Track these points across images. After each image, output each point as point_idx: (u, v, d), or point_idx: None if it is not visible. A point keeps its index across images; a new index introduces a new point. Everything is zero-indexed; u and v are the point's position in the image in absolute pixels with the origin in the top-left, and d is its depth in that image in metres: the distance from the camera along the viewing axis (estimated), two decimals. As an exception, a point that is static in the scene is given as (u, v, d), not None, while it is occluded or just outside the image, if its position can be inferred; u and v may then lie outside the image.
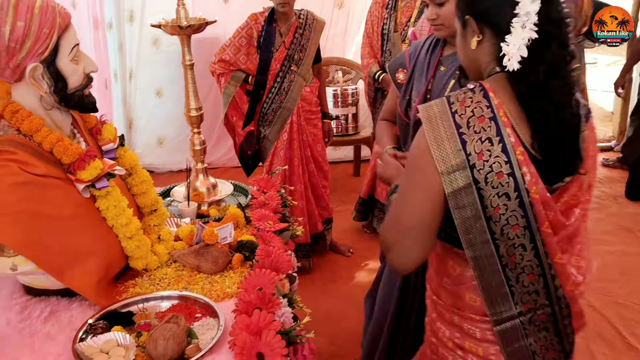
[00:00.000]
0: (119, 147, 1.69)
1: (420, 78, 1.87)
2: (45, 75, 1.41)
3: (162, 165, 5.09)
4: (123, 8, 4.63)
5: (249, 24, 3.15)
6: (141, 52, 4.76)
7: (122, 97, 4.87)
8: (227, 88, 3.18)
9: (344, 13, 4.85)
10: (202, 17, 1.98)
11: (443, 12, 1.66)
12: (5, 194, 1.32)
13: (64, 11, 1.42)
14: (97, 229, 1.50)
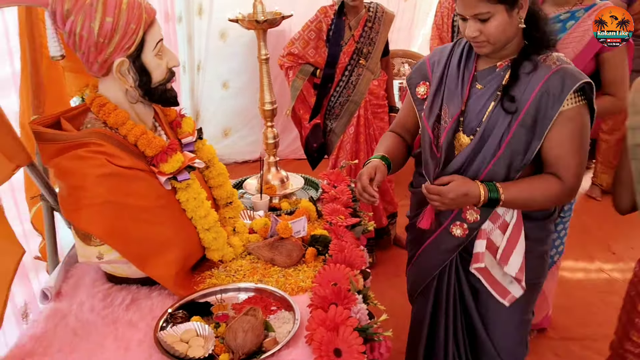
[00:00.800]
0: (197, 140, 1.72)
1: (452, 96, 1.68)
2: (131, 70, 1.45)
3: (227, 156, 5.17)
4: (193, 2, 4.71)
5: (318, 18, 3.15)
6: (209, 45, 4.84)
7: (189, 89, 4.97)
8: (295, 81, 3.19)
9: (410, 5, 4.79)
10: (278, 12, 1.99)
11: (487, 29, 1.51)
12: (93, 185, 1.37)
13: (149, 7, 1.46)
14: (177, 220, 1.54)
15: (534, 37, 1.58)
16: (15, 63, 2.16)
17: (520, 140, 1.55)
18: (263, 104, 2.11)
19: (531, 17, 1.56)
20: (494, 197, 1.56)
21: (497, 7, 1.48)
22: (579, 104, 1.53)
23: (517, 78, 1.56)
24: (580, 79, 1.50)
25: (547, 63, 1.55)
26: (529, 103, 1.53)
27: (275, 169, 2.18)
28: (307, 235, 1.73)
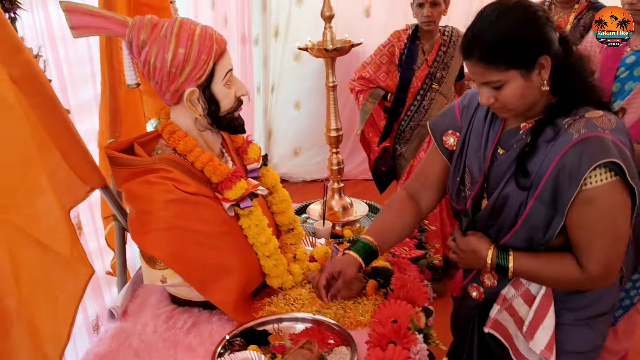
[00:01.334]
0: (262, 166, 1.74)
1: (474, 159, 1.50)
2: (201, 99, 1.49)
3: (296, 174, 5.23)
4: (270, 24, 4.84)
5: (391, 42, 3.14)
6: (283, 66, 4.93)
7: (263, 109, 5.08)
8: (365, 105, 3.19)
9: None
10: (347, 40, 2.00)
11: (502, 96, 1.34)
12: (160, 211, 1.41)
13: (220, 38, 1.49)
14: (239, 246, 1.56)
15: (564, 94, 1.37)
16: (97, 86, 2.28)
17: (539, 216, 1.35)
18: (329, 130, 2.11)
19: (561, 71, 1.35)
20: (502, 264, 1.41)
21: (509, 73, 1.31)
22: (608, 181, 1.27)
23: (535, 147, 1.36)
24: (600, 158, 1.26)
25: (571, 130, 1.31)
26: (545, 179, 1.32)
27: (339, 195, 2.18)
28: (368, 267, 1.70)
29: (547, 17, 1.33)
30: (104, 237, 2.19)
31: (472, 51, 1.33)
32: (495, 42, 1.30)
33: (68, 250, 1.41)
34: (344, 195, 2.20)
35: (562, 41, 1.35)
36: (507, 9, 1.32)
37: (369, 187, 5.04)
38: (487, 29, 1.32)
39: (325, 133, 2.14)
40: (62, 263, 1.40)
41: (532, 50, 1.30)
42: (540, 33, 1.30)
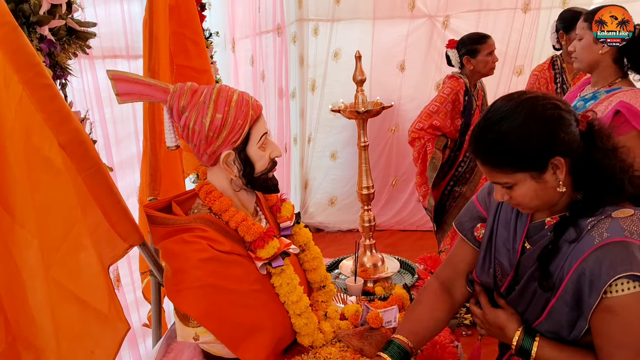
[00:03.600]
0: (295, 224, 1.78)
1: (503, 249, 1.45)
2: (237, 161, 1.55)
3: (332, 224, 5.26)
4: (307, 78, 4.99)
5: (454, 89, 3.27)
6: (320, 118, 5.04)
7: (299, 160, 5.17)
8: (436, 153, 3.26)
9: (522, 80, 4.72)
10: (379, 102, 2.06)
11: (515, 196, 1.30)
12: (194, 269, 1.46)
13: (256, 104, 1.56)
14: (271, 304, 1.59)
15: (588, 191, 1.31)
16: (139, 143, 2.39)
17: (562, 316, 1.29)
18: (361, 188, 2.15)
19: (583, 167, 1.29)
20: (526, 348, 1.35)
21: (517, 176, 1.27)
22: (632, 291, 1.19)
23: (557, 248, 1.30)
24: (622, 269, 1.17)
25: (593, 233, 1.24)
26: (565, 282, 1.26)
27: (370, 251, 2.19)
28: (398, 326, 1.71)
29: (561, 114, 1.26)
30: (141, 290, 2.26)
31: (478, 152, 1.31)
32: (498, 145, 1.26)
33: (106, 306, 1.47)
34: (375, 251, 2.22)
35: (585, 135, 1.28)
36: (514, 107, 1.27)
37: (404, 237, 5.06)
38: (491, 129, 1.28)
39: (357, 191, 2.18)
40: (99, 319, 1.46)
41: (541, 153, 1.25)
42: (549, 135, 1.24)
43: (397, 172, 5.13)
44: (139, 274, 2.22)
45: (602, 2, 4.37)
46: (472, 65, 3.19)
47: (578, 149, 1.27)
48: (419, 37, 4.81)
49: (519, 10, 4.58)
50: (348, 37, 4.86)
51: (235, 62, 3.61)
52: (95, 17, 2.23)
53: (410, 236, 5.02)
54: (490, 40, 3.24)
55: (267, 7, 4.10)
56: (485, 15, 4.64)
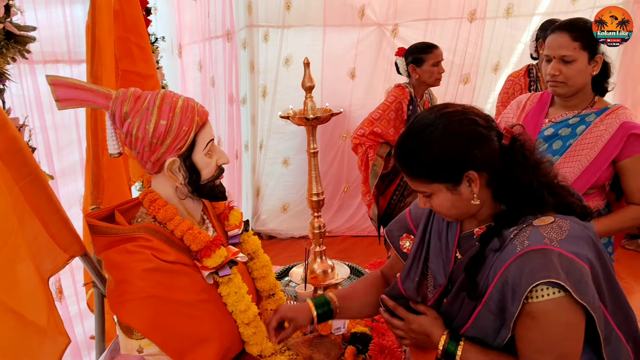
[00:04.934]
0: (243, 232, 1.76)
1: (436, 260, 1.47)
2: (182, 168, 1.52)
3: (284, 231, 5.25)
4: (258, 84, 4.97)
5: (398, 98, 3.27)
6: (272, 124, 5.03)
7: (251, 166, 5.14)
8: (377, 160, 3.27)
9: (469, 88, 4.83)
10: (328, 108, 2.06)
11: (434, 205, 1.36)
12: (138, 280, 1.42)
13: (202, 110, 1.54)
14: (218, 313, 1.56)
15: (509, 203, 1.34)
16: (83, 150, 2.32)
17: (487, 323, 1.30)
18: (311, 195, 2.15)
19: (502, 180, 1.32)
20: (451, 350, 1.36)
21: (434, 186, 1.31)
22: (551, 297, 1.20)
23: (483, 258, 1.31)
24: (540, 276, 1.19)
25: (515, 242, 1.26)
26: (490, 290, 1.27)
27: (320, 258, 2.19)
28: (347, 333, 1.71)
29: (476, 130, 1.28)
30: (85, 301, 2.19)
31: (399, 160, 1.35)
32: (416, 156, 1.30)
33: (44, 319, 1.41)
34: (325, 258, 2.21)
35: (508, 150, 1.31)
36: (432, 121, 1.30)
37: (356, 243, 5.09)
38: (410, 140, 1.32)
39: (307, 197, 2.18)
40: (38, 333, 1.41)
41: (455, 167, 1.28)
42: (463, 150, 1.27)
43: (349, 179, 5.16)
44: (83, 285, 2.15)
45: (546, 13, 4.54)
46: (418, 74, 3.22)
47: (496, 164, 1.30)
48: (369, 45, 4.87)
49: (464, 20, 4.69)
50: (299, 43, 4.87)
51: (182, 67, 3.56)
52: (35, 20, 2.16)
53: (362, 242, 5.06)
54: (437, 51, 3.26)
55: (216, 12, 4.07)
56: (432, 25, 4.73)
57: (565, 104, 2.10)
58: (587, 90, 2.06)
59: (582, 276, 1.20)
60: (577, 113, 2.07)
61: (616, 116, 2.01)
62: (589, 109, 2.07)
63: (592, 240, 1.28)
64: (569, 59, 1.97)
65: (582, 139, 2.02)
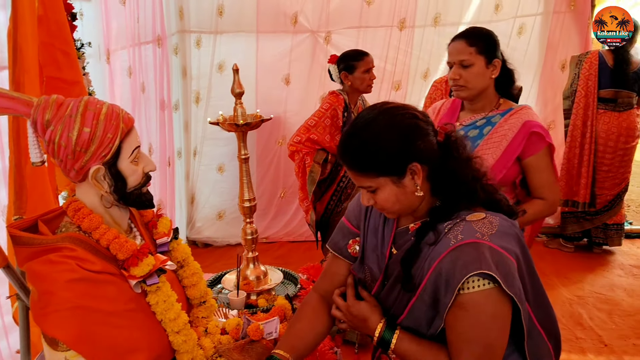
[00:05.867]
0: (173, 240, 1.75)
1: (372, 255, 1.54)
2: (107, 176, 1.50)
3: (220, 238, 5.21)
4: (190, 90, 4.91)
5: (332, 105, 3.32)
6: (206, 130, 4.98)
7: (185, 174, 5.07)
8: (314, 166, 3.29)
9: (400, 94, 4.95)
10: (258, 114, 2.07)
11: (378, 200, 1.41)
12: (62, 291, 1.38)
13: (127, 116, 1.52)
14: (147, 323, 1.54)
15: (445, 198, 1.41)
16: (5, 160, 2.24)
17: (421, 314, 1.37)
18: (242, 201, 2.16)
19: (440, 175, 1.39)
20: (386, 338, 1.42)
21: (380, 180, 1.36)
22: (481, 289, 1.27)
23: (418, 251, 1.38)
24: (472, 268, 1.26)
25: (449, 235, 1.33)
26: (424, 282, 1.33)
27: (253, 264, 2.20)
28: (279, 337, 1.72)
29: (418, 124, 1.35)
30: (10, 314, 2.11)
31: (344, 157, 1.39)
32: (361, 150, 1.35)
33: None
34: (258, 264, 2.22)
35: (443, 145, 1.38)
36: (375, 116, 1.37)
37: (293, 249, 5.10)
38: (355, 135, 1.38)
39: (239, 204, 2.18)
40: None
41: (399, 159, 1.34)
42: (407, 141, 1.33)
43: (285, 184, 5.17)
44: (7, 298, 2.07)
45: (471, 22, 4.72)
46: (350, 81, 3.29)
47: (435, 158, 1.37)
48: (303, 52, 4.91)
49: (395, 28, 4.81)
50: (232, 49, 4.86)
51: (110, 73, 3.49)
52: (-46, 26, 2.07)
53: (300, 247, 5.08)
54: (368, 58, 3.34)
55: (146, 17, 4.00)
56: (364, 32, 4.83)
57: (473, 108, 2.23)
58: (490, 93, 2.20)
59: (510, 269, 1.28)
60: (484, 115, 2.20)
61: (519, 116, 2.15)
62: (494, 111, 2.20)
63: (518, 237, 1.37)
64: (466, 63, 2.11)
65: (489, 139, 2.15)
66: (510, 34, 4.84)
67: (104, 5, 3.39)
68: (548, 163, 2.15)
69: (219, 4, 4.70)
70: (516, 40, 4.86)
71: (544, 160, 2.13)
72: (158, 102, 4.21)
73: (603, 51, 4.46)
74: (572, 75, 4.57)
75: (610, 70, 4.40)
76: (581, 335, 3.57)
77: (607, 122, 4.47)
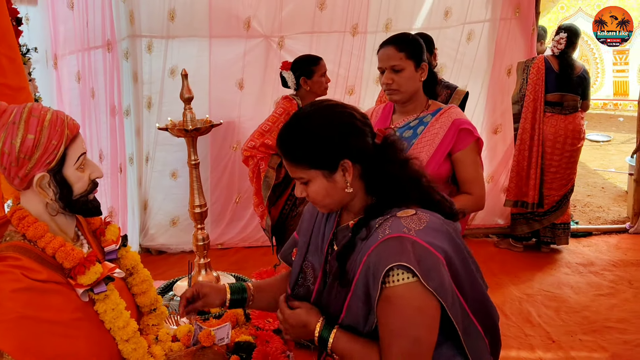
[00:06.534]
0: (121, 247, 1.73)
1: (316, 253, 1.57)
2: (52, 184, 1.47)
3: (174, 245, 5.15)
4: (142, 96, 4.84)
5: (286, 110, 3.33)
6: (158, 136, 4.91)
7: (137, 180, 4.98)
8: (269, 172, 3.29)
9: (354, 99, 5.00)
10: (208, 119, 2.07)
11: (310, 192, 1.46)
12: (7, 301, 1.35)
13: (72, 123, 1.50)
14: (95, 332, 1.52)
15: (379, 196, 1.45)
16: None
17: (357, 311, 1.38)
18: (193, 207, 2.15)
19: (374, 174, 1.43)
20: (325, 337, 1.42)
21: (311, 172, 1.41)
22: (405, 282, 1.29)
23: (352, 246, 1.41)
24: (393, 260, 1.29)
25: (378, 230, 1.36)
26: (357, 277, 1.36)
27: (205, 270, 2.19)
28: (231, 343, 1.72)
29: (355, 123, 1.40)
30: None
31: (281, 147, 1.44)
32: (296, 142, 1.40)
33: None
34: (210, 270, 2.22)
35: (380, 147, 1.43)
36: (315, 110, 1.42)
37: (250, 254, 5.08)
38: (293, 127, 1.43)
39: (190, 210, 2.17)
40: None
41: (332, 154, 1.38)
42: (341, 138, 1.38)
43: (240, 189, 5.15)
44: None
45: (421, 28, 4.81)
46: (309, 86, 3.32)
47: (369, 158, 1.42)
48: (256, 57, 4.91)
49: (347, 34, 4.86)
50: (185, 54, 4.81)
51: (58, 79, 3.42)
52: None
53: (256, 252, 5.06)
54: (322, 62, 3.40)
55: (95, 22, 3.93)
56: (317, 38, 4.86)
57: (405, 110, 2.34)
58: (420, 95, 2.32)
59: (434, 264, 1.31)
60: (416, 116, 2.32)
61: (448, 115, 2.27)
62: (425, 111, 2.32)
63: (450, 235, 1.40)
64: (397, 68, 2.21)
65: (422, 138, 2.26)
66: (460, 40, 4.95)
67: (51, 10, 3.32)
68: (475, 158, 2.28)
69: (171, 9, 4.65)
70: (465, 46, 4.98)
71: (471, 155, 2.26)
72: (108, 108, 4.14)
73: (548, 57, 4.64)
74: (520, 81, 4.73)
75: (556, 75, 4.58)
76: (530, 332, 3.67)
77: (554, 125, 4.64)
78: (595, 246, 5.09)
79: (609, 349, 3.42)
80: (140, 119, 4.90)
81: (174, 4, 4.64)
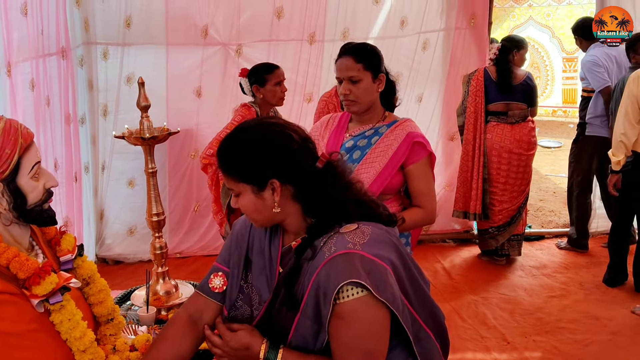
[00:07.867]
0: (77, 257, 1.71)
1: (261, 277, 1.53)
2: (5, 193, 1.46)
3: (132, 254, 5.07)
4: (98, 103, 4.76)
5: (244, 117, 3.32)
6: (115, 144, 4.84)
7: (93, 189, 4.89)
8: None
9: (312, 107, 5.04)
10: (165, 127, 2.07)
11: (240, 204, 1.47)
12: (-42, 314, 1.33)
13: (26, 131, 1.49)
14: (51, 342, 1.50)
15: (318, 216, 1.45)
16: None
17: (306, 330, 1.38)
18: (150, 215, 2.14)
19: (312, 195, 1.43)
20: (270, 358, 1.40)
21: (241, 185, 1.43)
22: (355, 297, 1.31)
23: (298, 268, 1.41)
24: (344, 277, 1.29)
25: (324, 249, 1.37)
26: (305, 297, 1.36)
27: (163, 279, 2.18)
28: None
29: (290, 145, 1.40)
30: None
31: (218, 156, 1.46)
32: (229, 154, 1.43)
33: None
34: (169, 278, 2.20)
35: (322, 171, 1.43)
36: (253, 126, 1.45)
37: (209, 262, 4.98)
38: (229, 139, 1.45)
39: (147, 218, 2.16)
40: None
41: (260, 172, 1.40)
42: (271, 158, 1.39)
43: (199, 198, 5.11)
44: None
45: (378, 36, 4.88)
46: (262, 94, 3.33)
47: (303, 181, 1.43)
48: (214, 64, 4.89)
49: (305, 42, 4.90)
50: (141, 62, 4.76)
51: (12, 87, 3.34)
52: None
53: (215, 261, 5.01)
54: (279, 71, 3.40)
55: (49, 28, 3.86)
56: (275, 46, 4.88)
57: (361, 119, 2.37)
58: (377, 106, 2.35)
59: (382, 276, 1.33)
60: (372, 126, 2.35)
61: (403, 127, 2.31)
62: (381, 122, 2.35)
63: (393, 244, 1.43)
64: (355, 79, 2.23)
65: (376, 148, 2.29)
66: (416, 49, 5.05)
67: (3, 16, 3.24)
68: (427, 172, 2.31)
69: (127, 16, 4.60)
70: (421, 54, 5.08)
71: (423, 169, 2.29)
72: (63, 116, 4.05)
73: (488, 67, 4.72)
74: (463, 93, 4.80)
75: (496, 84, 4.64)
76: (486, 334, 3.76)
77: (499, 134, 4.66)
78: (548, 249, 5.25)
79: (561, 348, 3.53)
80: (95, 127, 4.82)
81: (130, 11, 4.59)
